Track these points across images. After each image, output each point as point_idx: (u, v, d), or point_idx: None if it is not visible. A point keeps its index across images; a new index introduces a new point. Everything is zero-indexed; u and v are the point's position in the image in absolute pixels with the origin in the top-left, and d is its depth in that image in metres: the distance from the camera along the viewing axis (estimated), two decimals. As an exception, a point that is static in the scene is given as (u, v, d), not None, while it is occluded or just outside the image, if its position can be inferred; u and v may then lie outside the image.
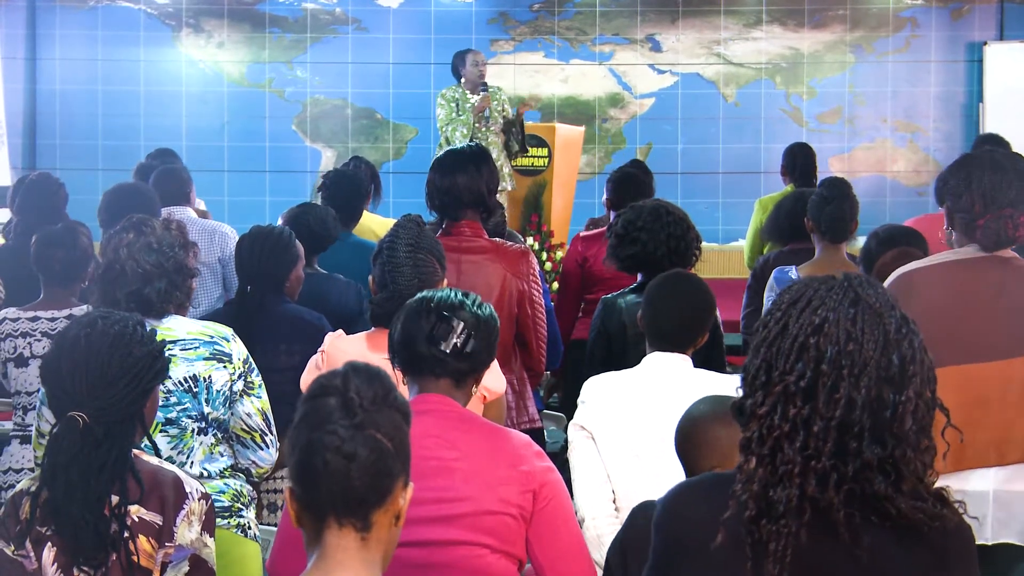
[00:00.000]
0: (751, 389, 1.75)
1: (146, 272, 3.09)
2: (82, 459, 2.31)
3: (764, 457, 1.70)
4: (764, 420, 1.71)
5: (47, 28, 11.05)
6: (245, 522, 3.20)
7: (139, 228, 3.16)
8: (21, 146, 10.83)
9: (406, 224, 3.30)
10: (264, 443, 3.22)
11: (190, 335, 3.12)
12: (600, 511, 3.03)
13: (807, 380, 1.69)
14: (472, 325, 2.56)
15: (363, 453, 1.75)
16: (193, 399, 3.07)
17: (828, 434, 1.68)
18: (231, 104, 11.08)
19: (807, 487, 1.68)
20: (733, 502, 1.70)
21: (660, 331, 3.24)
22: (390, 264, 3.24)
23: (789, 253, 4.94)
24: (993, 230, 3.09)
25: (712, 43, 11.05)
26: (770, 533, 1.68)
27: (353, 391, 1.78)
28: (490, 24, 11.12)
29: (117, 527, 2.33)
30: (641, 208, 4.17)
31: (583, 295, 5.28)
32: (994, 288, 3.09)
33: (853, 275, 1.80)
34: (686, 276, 3.44)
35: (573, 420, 3.19)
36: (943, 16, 11.04)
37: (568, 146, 8.37)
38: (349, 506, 1.77)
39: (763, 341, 1.76)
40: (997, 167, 3.12)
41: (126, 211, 4.30)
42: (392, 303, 3.15)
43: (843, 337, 1.70)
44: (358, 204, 5.26)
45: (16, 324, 3.93)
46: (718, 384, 3.14)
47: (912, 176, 10.78)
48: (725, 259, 10.26)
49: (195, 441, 3.09)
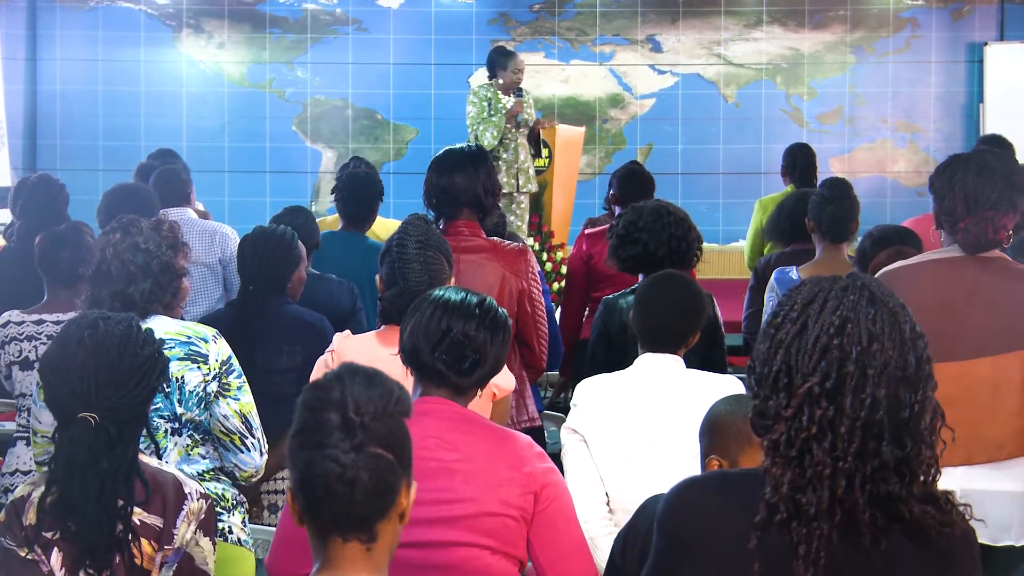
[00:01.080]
0: (772, 391, 1.74)
1: (131, 272, 3.09)
2: (98, 460, 2.32)
3: (792, 459, 1.70)
4: (791, 422, 1.70)
5: (47, 28, 11.05)
6: (225, 526, 3.15)
7: (126, 228, 3.16)
8: (21, 147, 10.83)
9: (415, 222, 3.31)
10: (245, 446, 3.17)
11: (167, 335, 3.09)
12: (593, 514, 3.03)
13: (832, 381, 1.69)
14: (480, 345, 2.53)
15: (364, 477, 1.74)
16: (165, 399, 3.05)
17: (854, 435, 1.68)
18: (231, 105, 11.08)
19: (837, 488, 1.68)
20: (763, 504, 1.70)
21: (650, 332, 3.24)
22: (400, 261, 3.23)
23: (791, 254, 4.94)
24: (974, 233, 3.08)
25: (712, 43, 11.06)
26: (801, 536, 1.68)
27: (352, 408, 1.76)
28: (490, 25, 11.12)
29: (123, 528, 2.34)
30: (642, 208, 4.17)
31: (589, 293, 5.25)
32: (969, 287, 3.08)
33: (863, 275, 1.81)
34: (676, 276, 3.43)
35: (565, 423, 3.19)
36: (943, 17, 11.04)
37: (568, 147, 8.36)
38: (353, 525, 1.77)
39: (780, 343, 1.74)
40: (983, 169, 3.09)
41: (125, 211, 4.30)
42: (402, 299, 3.14)
43: (865, 337, 1.70)
44: (373, 206, 5.24)
45: (21, 327, 3.92)
46: (710, 384, 3.14)
47: (912, 176, 10.78)
48: (725, 259, 10.27)
49: (168, 442, 3.08)
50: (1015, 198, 3.09)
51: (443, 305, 2.56)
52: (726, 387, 3.11)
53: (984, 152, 3.30)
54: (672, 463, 3.00)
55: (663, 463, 3.02)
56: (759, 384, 1.76)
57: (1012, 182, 3.09)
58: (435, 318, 2.54)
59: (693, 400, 3.09)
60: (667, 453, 3.03)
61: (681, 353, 3.24)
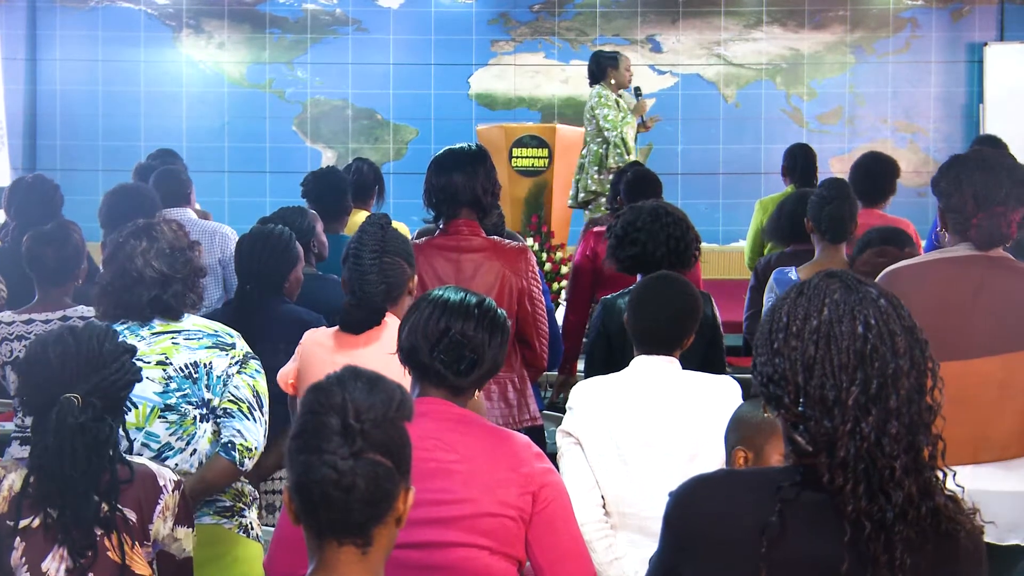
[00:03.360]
0: (824, 413, 1.72)
1: (165, 277, 3.14)
2: (87, 431, 2.36)
3: (861, 473, 1.70)
4: (852, 437, 1.70)
5: (47, 29, 11.05)
6: (247, 522, 3.18)
7: (150, 234, 3.19)
8: (21, 147, 10.83)
9: (369, 228, 3.31)
10: (252, 416, 3.12)
11: (195, 327, 3.17)
12: (589, 517, 3.02)
13: (875, 387, 1.70)
14: (479, 345, 2.52)
15: (362, 484, 1.74)
16: (193, 385, 3.08)
17: (902, 434, 1.71)
18: (231, 105, 11.08)
19: (910, 489, 1.70)
20: (844, 523, 1.69)
21: (644, 334, 3.23)
22: (356, 271, 3.26)
23: (790, 254, 4.93)
24: (987, 229, 3.09)
25: (712, 44, 11.06)
26: (879, 547, 1.68)
27: (352, 413, 1.75)
28: (490, 25, 11.12)
29: (108, 509, 2.37)
30: (640, 209, 4.17)
31: (596, 292, 5.23)
32: (974, 286, 3.08)
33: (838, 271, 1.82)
34: (670, 278, 3.42)
35: (560, 427, 3.19)
36: (943, 17, 11.04)
37: (568, 147, 8.35)
38: (348, 530, 1.77)
39: (811, 359, 1.73)
40: (986, 166, 3.11)
41: (127, 213, 4.31)
42: (359, 311, 3.20)
43: (889, 339, 1.72)
44: (341, 203, 5.17)
45: (12, 327, 3.92)
46: (706, 386, 3.14)
47: (912, 177, 10.77)
48: (725, 260, 10.26)
49: (198, 429, 3.09)
50: (1021, 193, 3.11)
51: (442, 305, 2.55)
52: (722, 388, 3.11)
53: (983, 151, 3.31)
54: (667, 465, 3.01)
55: (658, 465, 3.02)
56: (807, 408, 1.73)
57: (1016, 178, 3.12)
58: (434, 317, 2.53)
59: (688, 402, 3.09)
60: (662, 455, 3.03)
61: (677, 355, 3.23)
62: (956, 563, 1.73)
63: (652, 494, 3.01)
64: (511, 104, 11.10)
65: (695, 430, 3.03)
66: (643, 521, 3.01)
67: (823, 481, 1.71)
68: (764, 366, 1.78)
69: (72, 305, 3.99)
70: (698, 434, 3.02)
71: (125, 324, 3.12)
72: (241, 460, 3.07)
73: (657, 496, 2.99)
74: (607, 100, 7.64)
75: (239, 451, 3.07)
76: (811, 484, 1.72)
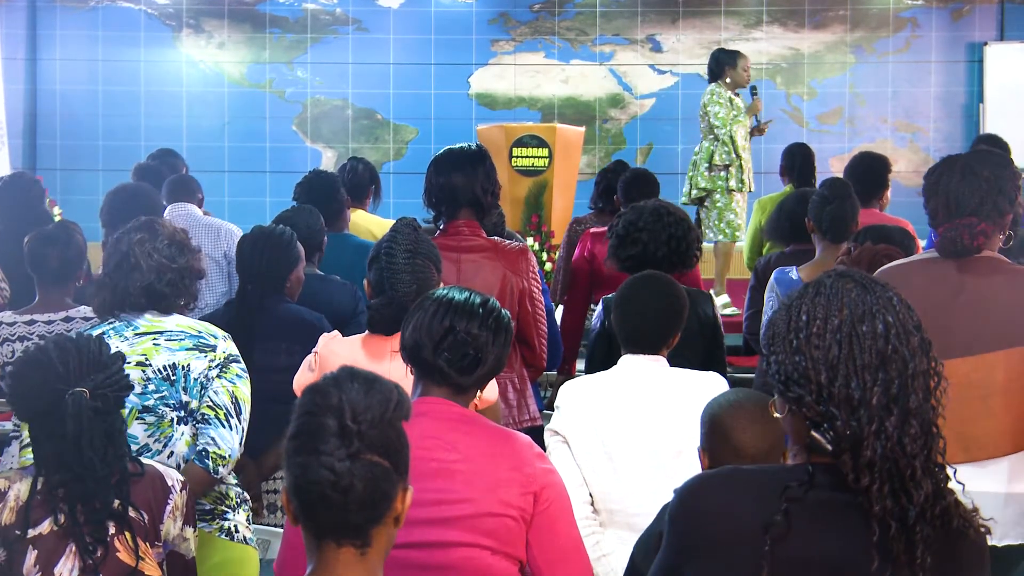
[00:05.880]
0: (849, 413, 1.73)
1: (160, 266, 3.15)
2: (104, 420, 2.39)
3: (886, 473, 1.71)
4: (877, 438, 1.71)
5: (47, 28, 11.05)
6: (230, 525, 3.15)
7: (151, 228, 3.22)
8: (21, 146, 10.84)
9: (403, 229, 3.28)
10: (228, 424, 3.10)
11: (178, 327, 3.16)
12: (577, 514, 3.02)
13: (896, 387, 1.72)
14: (482, 345, 2.53)
15: (359, 486, 1.73)
16: (171, 387, 3.08)
17: (919, 434, 1.72)
18: (231, 104, 11.08)
19: (928, 489, 1.71)
20: (873, 523, 1.70)
21: (630, 333, 3.24)
22: (389, 270, 3.22)
23: (790, 254, 4.93)
24: (949, 239, 3.06)
25: (712, 43, 11.04)
26: (902, 546, 1.69)
27: (349, 414, 1.74)
28: (491, 24, 11.12)
29: (121, 502, 2.38)
30: (642, 209, 4.17)
31: (593, 293, 5.24)
32: (954, 287, 3.08)
33: (849, 270, 1.83)
34: (654, 277, 3.42)
35: (548, 425, 3.19)
36: (943, 16, 11.04)
37: (568, 147, 8.36)
38: (346, 531, 1.77)
39: (835, 358, 1.74)
40: (968, 173, 3.06)
41: (129, 212, 4.31)
42: (390, 309, 3.15)
43: (906, 339, 1.74)
44: (334, 204, 5.12)
45: (13, 328, 3.92)
46: (693, 383, 3.14)
47: (912, 176, 10.77)
48: (725, 259, 10.25)
49: (175, 431, 3.09)
50: (1000, 203, 3.05)
51: (446, 304, 2.55)
52: (709, 385, 3.11)
53: (977, 154, 3.27)
54: (655, 463, 3.02)
55: (645, 463, 3.04)
56: (830, 408, 1.74)
57: (998, 187, 3.05)
58: (438, 316, 2.53)
59: (674, 399, 3.10)
60: (649, 453, 3.05)
61: (664, 353, 3.24)
62: (967, 560, 1.75)
63: (639, 491, 3.02)
64: (511, 104, 11.10)
65: (681, 427, 3.03)
66: (630, 518, 3.02)
67: (848, 481, 1.71)
68: (783, 365, 1.77)
69: (74, 306, 3.99)
70: (684, 431, 3.01)
71: (111, 324, 3.13)
72: (215, 468, 3.07)
73: (644, 493, 3.02)
74: (719, 98, 7.64)
75: (212, 459, 3.07)
76: (819, 483, 1.73)
